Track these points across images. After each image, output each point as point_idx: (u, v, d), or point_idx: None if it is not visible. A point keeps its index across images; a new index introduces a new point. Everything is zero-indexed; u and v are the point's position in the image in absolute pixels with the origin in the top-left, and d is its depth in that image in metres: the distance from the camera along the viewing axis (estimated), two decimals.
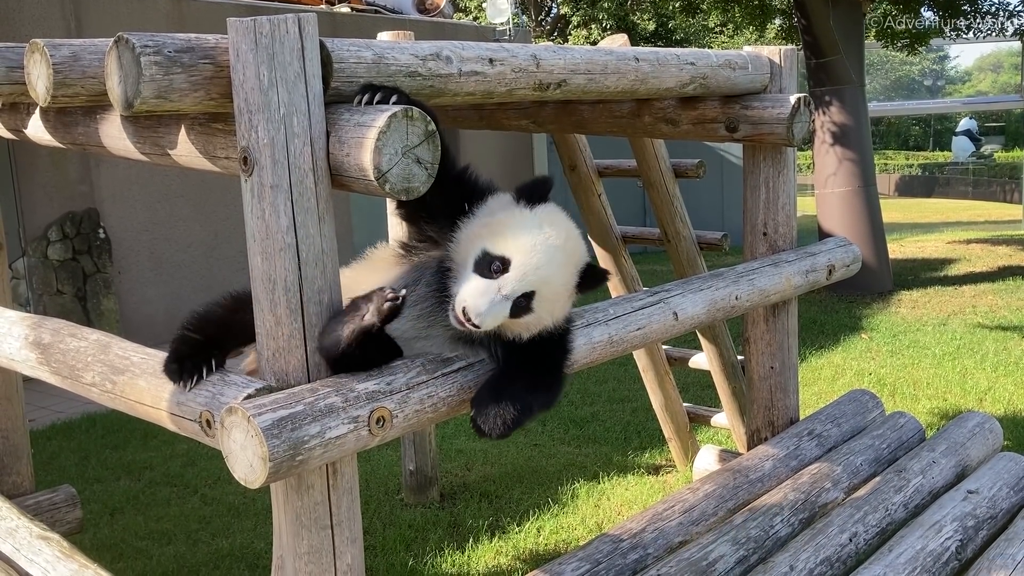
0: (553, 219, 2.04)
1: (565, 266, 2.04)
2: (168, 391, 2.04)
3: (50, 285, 7.96)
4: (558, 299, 2.07)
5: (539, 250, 1.97)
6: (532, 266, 1.97)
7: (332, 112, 1.92)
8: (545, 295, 2.02)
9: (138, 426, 6.16)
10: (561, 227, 2.03)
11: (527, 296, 1.99)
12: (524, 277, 1.96)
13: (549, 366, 2.18)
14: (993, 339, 7.85)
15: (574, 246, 2.07)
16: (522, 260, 1.96)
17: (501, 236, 1.98)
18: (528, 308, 2.01)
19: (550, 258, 1.99)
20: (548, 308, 2.06)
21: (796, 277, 3.26)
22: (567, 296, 2.10)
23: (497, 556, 4.20)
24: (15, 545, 2.80)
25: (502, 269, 1.96)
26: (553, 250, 1.99)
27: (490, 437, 2.05)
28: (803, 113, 3.10)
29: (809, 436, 3.40)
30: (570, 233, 2.06)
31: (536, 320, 2.06)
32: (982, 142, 38.38)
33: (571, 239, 2.05)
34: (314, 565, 1.99)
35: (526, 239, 1.97)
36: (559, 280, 2.03)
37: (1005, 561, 2.69)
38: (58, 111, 2.55)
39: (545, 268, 1.98)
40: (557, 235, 2.00)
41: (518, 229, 1.98)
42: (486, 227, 2.02)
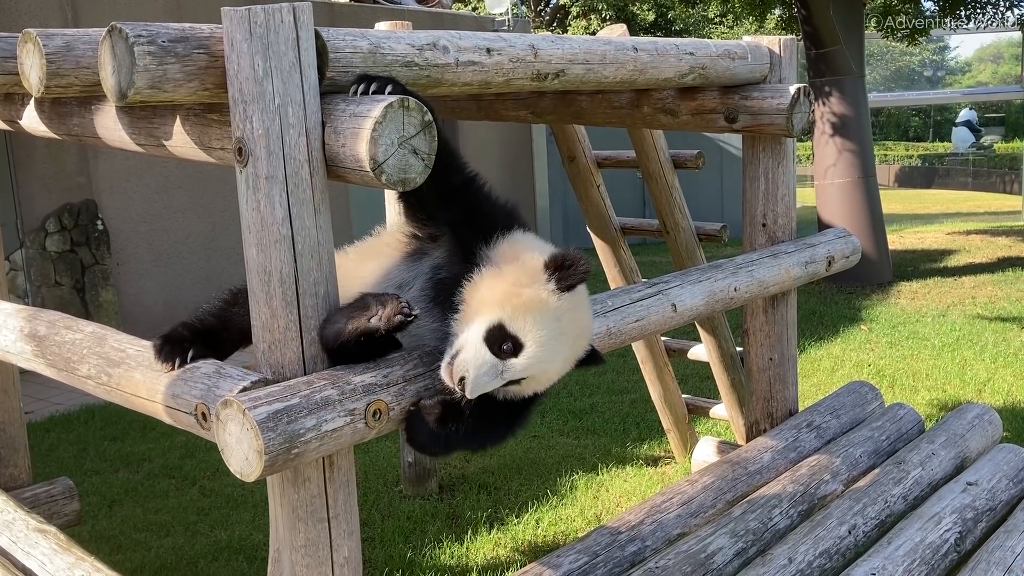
0: (575, 309, 2.01)
1: (568, 360, 2.04)
2: (164, 384, 2.03)
3: (48, 277, 7.95)
4: (548, 381, 2.05)
5: (552, 346, 1.96)
6: (541, 359, 1.96)
7: (328, 102, 1.91)
8: (539, 379, 2.02)
9: (136, 418, 6.15)
10: (578, 320, 2.02)
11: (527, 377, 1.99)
12: (529, 368, 1.96)
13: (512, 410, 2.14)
14: (992, 330, 7.84)
15: (582, 343, 2.07)
16: (534, 352, 1.95)
17: (522, 317, 1.94)
18: (517, 383, 2.01)
19: (558, 352, 1.99)
20: (534, 386, 2.05)
21: (795, 268, 3.25)
22: (564, 371, 2.09)
23: (496, 548, 4.20)
24: (12, 538, 2.79)
25: (512, 352, 1.94)
26: (563, 346, 1.99)
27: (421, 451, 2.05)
28: (803, 103, 3.08)
29: (808, 428, 3.39)
30: (583, 326, 2.05)
31: (521, 392, 2.06)
32: (982, 133, 38.33)
33: (582, 334, 2.05)
34: (311, 558, 1.98)
35: (544, 333, 1.95)
36: (557, 368, 2.03)
37: (1004, 553, 2.68)
38: (53, 102, 2.54)
39: (550, 363, 1.98)
40: (572, 330, 1.99)
41: (540, 318, 1.94)
42: (507, 294, 1.96)
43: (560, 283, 1.95)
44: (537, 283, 1.96)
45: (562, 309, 1.96)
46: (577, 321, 2.00)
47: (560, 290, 1.95)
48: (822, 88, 10.27)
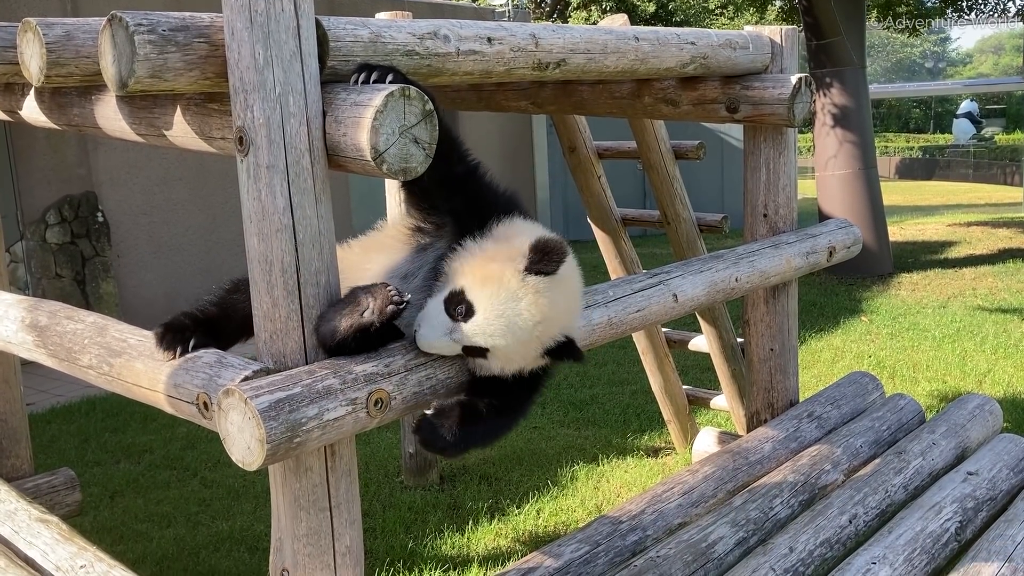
0: (540, 294, 1.95)
1: (527, 344, 1.98)
2: (165, 373, 2.03)
3: (49, 269, 7.95)
4: (513, 362, 2.02)
5: (502, 321, 1.94)
6: (488, 332, 1.94)
7: (328, 91, 1.90)
8: (498, 356, 1.99)
9: (137, 409, 6.16)
10: (541, 306, 1.95)
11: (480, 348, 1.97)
12: (475, 336, 1.95)
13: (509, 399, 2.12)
14: (993, 321, 7.85)
15: (548, 330, 2.00)
16: (481, 322, 1.94)
17: (481, 286, 1.94)
18: (482, 355, 1.99)
19: (511, 332, 1.95)
20: (500, 365, 2.01)
21: (796, 259, 3.25)
22: (529, 360, 2.04)
23: (497, 538, 4.20)
24: (14, 528, 2.79)
25: (464, 316, 1.94)
26: (518, 328, 1.95)
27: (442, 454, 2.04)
28: (804, 93, 3.07)
29: (809, 418, 3.39)
30: (547, 313, 1.97)
31: (487, 367, 2.03)
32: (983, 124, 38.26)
33: (547, 321, 1.97)
34: (313, 547, 1.99)
35: (496, 306, 1.93)
36: (515, 350, 1.98)
37: (1005, 542, 2.69)
38: (53, 91, 2.53)
39: (500, 339, 1.95)
40: (532, 314, 1.95)
41: (498, 290, 1.94)
42: (479, 267, 1.97)
43: (529, 265, 1.94)
44: (512, 261, 1.95)
45: (525, 290, 1.94)
46: (540, 306, 1.95)
47: (528, 272, 1.94)
48: (823, 79, 10.25)
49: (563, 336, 2.04)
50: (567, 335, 2.05)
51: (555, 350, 2.04)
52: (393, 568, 3.90)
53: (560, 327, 2.03)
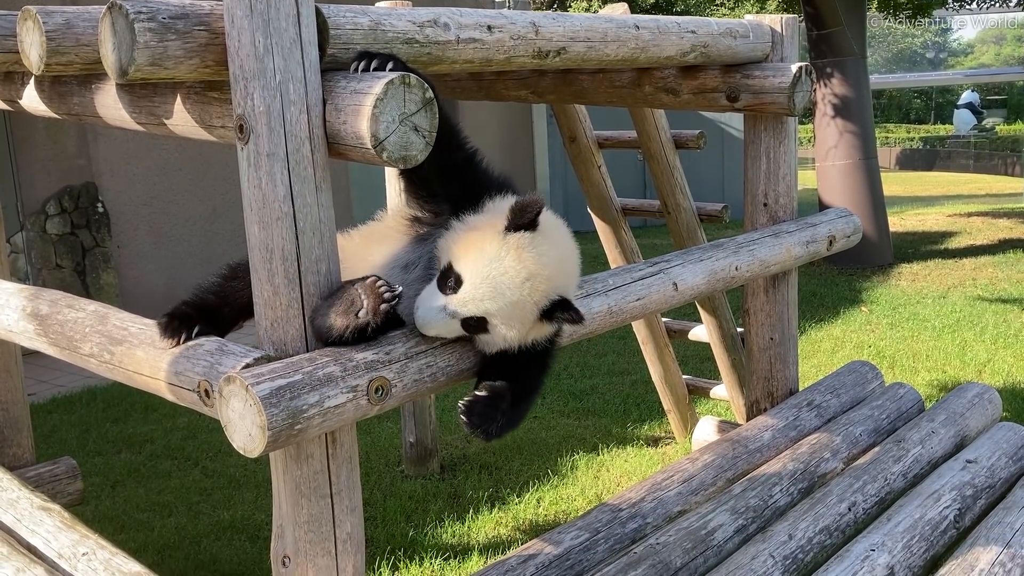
0: (524, 248, 1.94)
1: (518, 303, 1.96)
2: (166, 361, 2.04)
3: (49, 259, 7.95)
4: (512, 328, 2.00)
5: (488, 284, 1.93)
6: (477, 296, 1.94)
7: (328, 79, 1.90)
8: (496, 324, 1.98)
9: (138, 399, 6.17)
10: (526, 260, 1.93)
11: (479, 319, 1.97)
12: (466, 303, 1.95)
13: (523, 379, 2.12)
14: (993, 312, 7.85)
15: (536, 284, 1.96)
16: (469, 287, 1.94)
17: (466, 255, 1.95)
18: (483, 328, 1.99)
19: (498, 292, 1.93)
20: (503, 334, 2.00)
21: (796, 247, 3.25)
22: (527, 326, 2.02)
23: (497, 527, 4.22)
24: (16, 516, 2.80)
25: (455, 288, 1.95)
26: (505, 287, 1.93)
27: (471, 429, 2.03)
28: (804, 82, 3.07)
29: (808, 407, 3.40)
30: (532, 267, 1.94)
31: (492, 341, 2.02)
32: (984, 115, 38.19)
33: (534, 276, 1.95)
34: (314, 533, 2.00)
35: (481, 270, 1.93)
36: (510, 313, 1.97)
37: (1003, 529, 2.70)
38: (53, 80, 2.53)
39: (490, 301, 1.94)
40: (517, 271, 1.93)
41: (480, 254, 1.94)
42: (464, 240, 1.98)
43: (508, 224, 1.94)
44: (492, 227, 1.96)
45: (507, 248, 1.93)
46: (524, 260, 1.94)
47: (508, 230, 1.94)
48: (823, 69, 10.23)
49: (557, 295, 2.00)
50: (561, 295, 2.01)
51: (551, 311, 2.00)
52: (394, 556, 3.91)
53: (551, 285, 1.99)
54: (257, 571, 3.80)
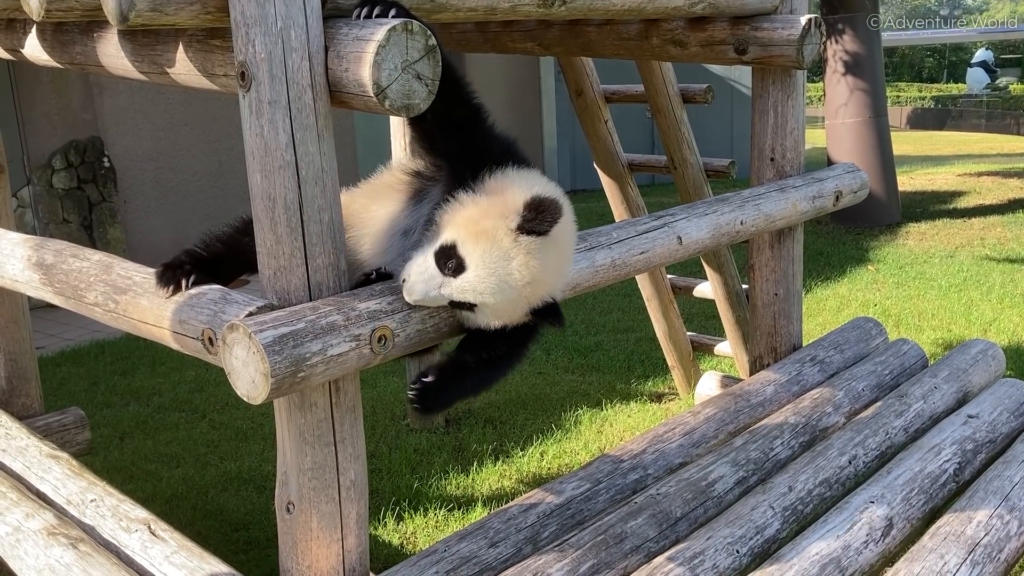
0: (533, 255, 1.93)
1: (515, 302, 1.97)
2: (170, 310, 2.05)
3: (56, 214, 7.96)
4: (499, 318, 2.01)
5: (493, 280, 1.92)
6: (478, 289, 1.93)
7: (330, 26, 1.89)
8: (485, 312, 1.99)
9: (146, 352, 6.22)
10: (533, 267, 1.93)
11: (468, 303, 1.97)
12: (464, 292, 1.93)
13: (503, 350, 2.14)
14: (1000, 271, 7.83)
15: (537, 291, 1.98)
16: (472, 280, 1.92)
17: (474, 242, 1.92)
18: (470, 309, 1.99)
19: (500, 291, 1.93)
20: (487, 320, 2.01)
21: (803, 203, 3.23)
22: (514, 318, 2.03)
23: (500, 479, 4.26)
24: (25, 463, 2.84)
25: (453, 271, 1.93)
26: (508, 287, 1.93)
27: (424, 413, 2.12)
28: (813, 35, 3.03)
29: (811, 362, 3.41)
30: (537, 275, 1.95)
31: (474, 320, 2.03)
32: (998, 73, 37.71)
33: (536, 282, 1.96)
34: (318, 480, 2.02)
35: (488, 264, 1.91)
36: (503, 308, 1.98)
37: (1002, 482, 2.71)
38: (55, 29, 2.51)
39: (490, 297, 1.94)
40: (522, 275, 1.93)
41: (491, 248, 1.91)
42: (472, 222, 1.94)
43: (522, 224, 1.91)
44: (505, 219, 1.92)
45: (517, 249, 1.91)
46: (531, 267, 1.93)
47: (521, 231, 1.91)
48: (835, 25, 10.09)
49: (550, 298, 2.02)
50: (553, 296, 2.03)
51: (540, 310, 2.03)
52: (399, 507, 3.96)
53: (548, 289, 2.01)
54: (263, 520, 3.85)
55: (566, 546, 2.25)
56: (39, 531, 2.41)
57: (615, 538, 2.30)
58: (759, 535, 2.43)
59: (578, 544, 2.26)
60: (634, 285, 5.31)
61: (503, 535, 2.32)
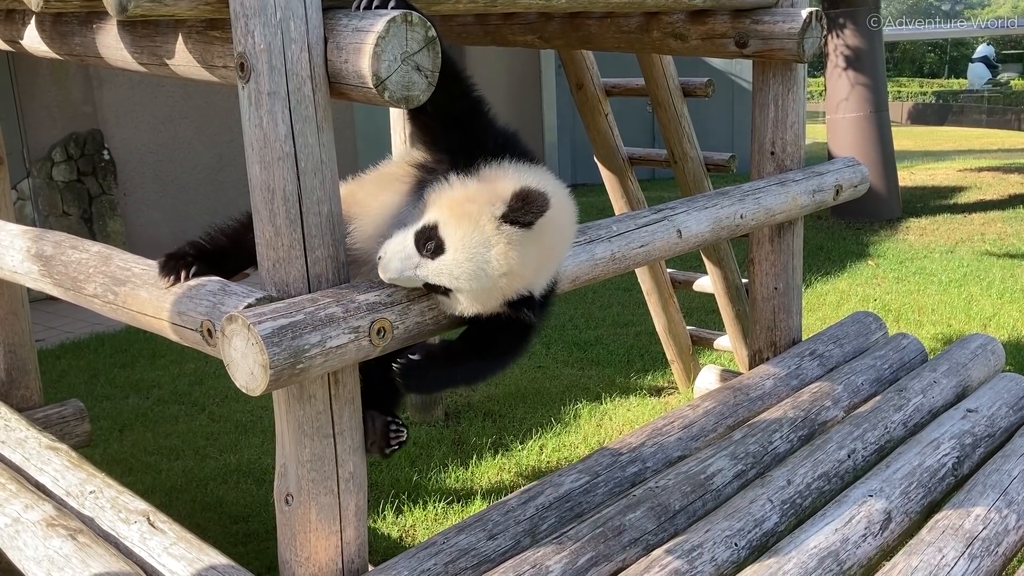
0: (513, 246, 1.89)
1: (488, 291, 1.94)
2: (169, 301, 2.05)
3: (56, 206, 7.95)
4: (473, 306, 1.98)
5: (470, 266, 1.89)
6: (454, 274, 1.90)
7: (330, 17, 1.88)
8: (459, 298, 1.96)
9: (146, 345, 6.22)
10: (511, 259, 1.90)
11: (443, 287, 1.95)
12: (440, 275, 1.91)
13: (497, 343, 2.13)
14: (1000, 266, 7.82)
15: (510, 282, 1.94)
16: (449, 261, 1.89)
17: (456, 224, 1.89)
18: (445, 294, 1.97)
19: (475, 278, 1.90)
20: (461, 307, 1.98)
21: (803, 197, 3.23)
22: (489, 307, 1.99)
23: (500, 472, 4.27)
24: (25, 455, 2.84)
25: (432, 253, 1.90)
26: (483, 275, 1.90)
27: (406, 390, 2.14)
28: (814, 28, 3.03)
29: (811, 356, 3.41)
30: (515, 268, 1.91)
31: (449, 306, 2.01)
32: (999, 69, 37.66)
33: (512, 274, 1.92)
34: (316, 472, 2.02)
35: (467, 250, 1.88)
36: (477, 296, 1.95)
37: (1000, 476, 2.72)
38: (54, 20, 2.51)
39: (464, 282, 1.91)
40: (499, 264, 1.89)
41: (471, 233, 1.88)
42: (457, 205, 1.91)
43: (506, 214, 1.87)
44: (491, 205, 1.89)
45: (498, 238, 1.88)
46: (509, 258, 1.90)
47: (504, 220, 1.88)
48: (836, 20, 10.08)
49: (526, 292, 1.98)
50: (530, 291, 1.99)
51: (515, 303, 1.99)
52: (398, 500, 3.97)
53: (525, 283, 1.97)
54: (263, 513, 3.86)
55: (565, 539, 2.25)
56: (38, 522, 2.41)
57: (614, 531, 2.31)
58: (757, 528, 2.43)
59: (577, 537, 2.26)
60: (634, 279, 5.31)
61: (502, 527, 2.33)
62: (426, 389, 2.18)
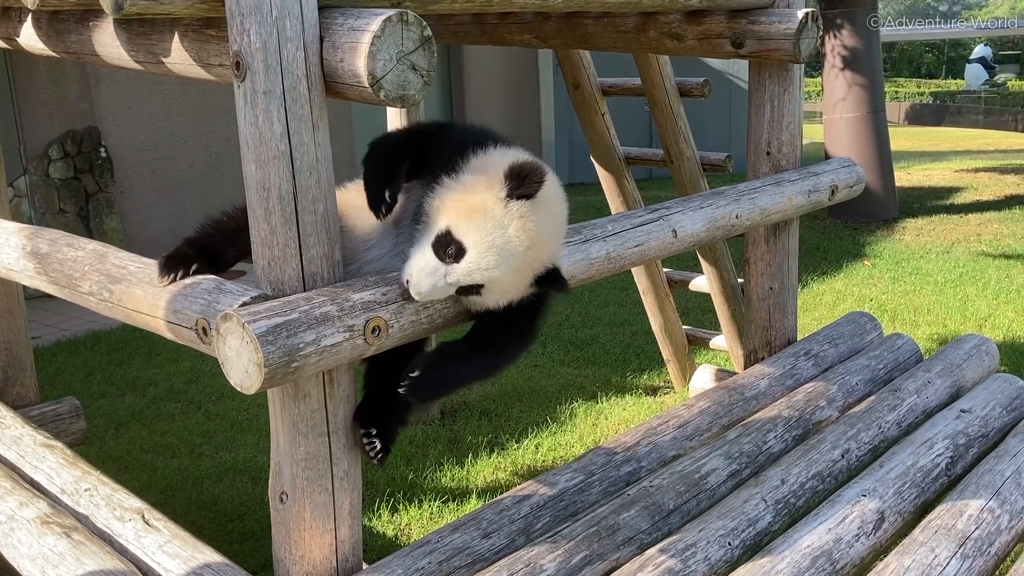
0: (526, 217, 1.92)
1: (519, 271, 1.96)
2: (164, 299, 2.05)
3: (52, 204, 7.94)
4: (507, 293, 2.01)
5: (493, 253, 1.91)
6: (483, 266, 1.92)
7: (326, 16, 1.88)
8: (493, 289, 1.98)
9: (142, 343, 6.22)
10: (529, 229, 1.93)
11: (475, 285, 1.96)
12: (471, 273, 1.92)
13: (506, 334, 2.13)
14: (996, 267, 7.84)
15: (539, 256, 1.98)
16: (475, 257, 1.91)
17: (467, 221, 1.90)
18: (476, 292, 1.99)
19: (504, 261, 1.92)
20: (495, 298, 2.01)
21: (798, 197, 3.24)
22: (521, 289, 2.03)
23: (495, 471, 4.27)
24: (20, 452, 2.84)
25: (455, 257, 1.91)
26: (510, 256, 1.92)
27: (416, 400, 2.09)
28: (810, 29, 3.03)
29: (806, 356, 3.41)
30: (535, 237, 1.94)
31: (482, 303, 2.03)
32: (996, 70, 37.70)
33: (536, 245, 1.95)
34: (311, 471, 2.02)
35: (486, 239, 1.90)
36: (509, 280, 1.97)
37: (993, 477, 2.72)
38: (50, 18, 2.51)
39: (496, 270, 1.93)
40: (521, 239, 1.92)
41: (484, 222, 1.90)
42: (460, 201, 1.93)
43: (510, 191, 1.91)
44: (492, 190, 1.92)
45: (510, 216, 1.91)
46: (527, 230, 1.92)
47: (510, 197, 1.91)
48: (833, 20, 10.09)
49: (551, 264, 2.03)
50: (555, 263, 2.04)
51: (543, 278, 2.02)
52: (394, 498, 3.97)
53: (548, 253, 2.01)
54: (258, 511, 3.86)
55: (559, 537, 2.26)
56: (33, 520, 2.41)
57: (608, 530, 2.31)
58: (751, 527, 2.44)
59: (571, 535, 2.27)
60: (630, 279, 5.31)
61: (496, 526, 2.33)
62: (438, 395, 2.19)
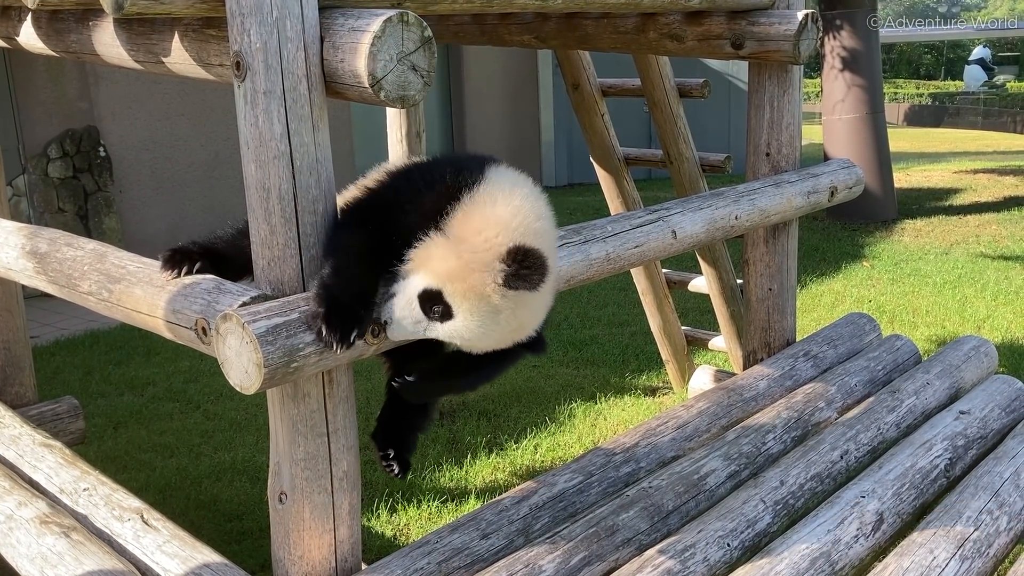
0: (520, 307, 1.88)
1: (500, 342, 1.95)
2: (164, 299, 2.05)
3: (51, 203, 7.94)
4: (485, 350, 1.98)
5: (480, 329, 1.88)
6: (464, 336, 1.89)
7: (326, 17, 1.89)
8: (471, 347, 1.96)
9: (141, 343, 6.21)
10: (521, 317, 1.90)
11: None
12: (452, 337, 1.90)
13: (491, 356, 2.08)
14: (995, 268, 7.84)
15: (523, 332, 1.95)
16: (460, 325, 1.87)
17: (462, 298, 1.84)
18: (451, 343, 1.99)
19: (486, 335, 1.90)
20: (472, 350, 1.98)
21: (798, 198, 3.24)
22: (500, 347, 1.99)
23: (494, 471, 4.27)
24: (18, 452, 2.84)
25: (440, 317, 1.87)
26: (494, 332, 1.90)
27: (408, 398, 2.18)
28: (810, 30, 3.04)
29: (805, 357, 3.42)
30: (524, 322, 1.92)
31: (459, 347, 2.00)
32: (995, 71, 37.74)
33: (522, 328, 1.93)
34: (310, 471, 2.02)
35: (477, 317, 1.86)
36: (489, 345, 1.95)
37: (992, 478, 2.73)
38: (50, 17, 2.51)
39: (477, 341, 1.91)
40: (510, 323, 1.89)
41: (479, 303, 1.84)
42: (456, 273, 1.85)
43: (508, 282, 1.83)
44: (489, 271, 1.83)
45: (505, 303, 1.86)
46: (519, 317, 1.90)
47: (508, 287, 1.83)
48: (833, 21, 10.09)
49: (535, 334, 2.00)
50: (538, 333, 2.02)
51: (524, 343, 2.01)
52: (392, 499, 3.97)
53: (534, 327, 1.99)
54: (257, 511, 3.86)
55: (558, 538, 2.26)
56: (32, 520, 2.41)
57: (607, 530, 2.31)
58: (750, 529, 2.44)
59: (570, 536, 2.27)
60: (629, 279, 5.31)
61: (495, 527, 2.33)
62: (425, 399, 2.40)
